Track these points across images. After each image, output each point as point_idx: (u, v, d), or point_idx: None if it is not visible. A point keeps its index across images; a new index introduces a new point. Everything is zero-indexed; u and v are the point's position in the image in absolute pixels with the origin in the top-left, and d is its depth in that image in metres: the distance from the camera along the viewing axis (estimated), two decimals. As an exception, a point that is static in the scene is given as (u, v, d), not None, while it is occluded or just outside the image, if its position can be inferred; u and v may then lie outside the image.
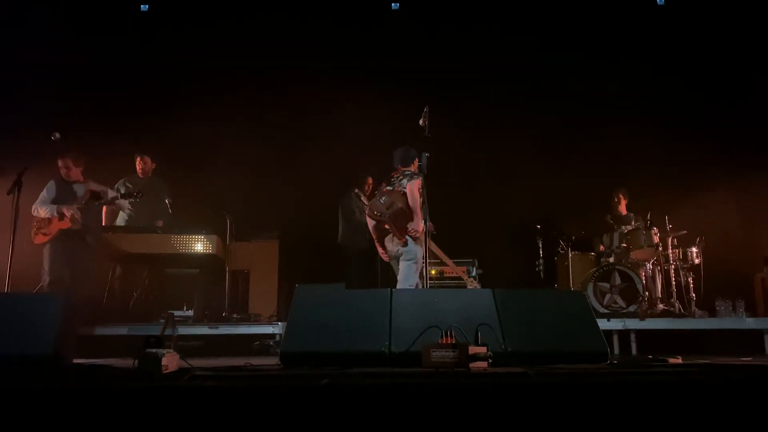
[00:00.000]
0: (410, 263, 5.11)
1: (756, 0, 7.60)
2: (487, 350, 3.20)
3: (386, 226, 5.17)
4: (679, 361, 3.98)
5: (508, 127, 7.68)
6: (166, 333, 5.42)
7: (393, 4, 8.56)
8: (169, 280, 6.60)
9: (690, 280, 6.71)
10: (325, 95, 7.53)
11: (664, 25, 8.01)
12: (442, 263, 6.93)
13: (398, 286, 5.12)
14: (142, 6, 8.12)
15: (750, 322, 6.03)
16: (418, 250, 5.10)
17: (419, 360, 3.20)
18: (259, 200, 7.53)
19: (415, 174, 5.18)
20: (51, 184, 6.19)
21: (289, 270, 6.99)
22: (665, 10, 8.17)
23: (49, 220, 6.02)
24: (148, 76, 7.85)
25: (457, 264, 6.94)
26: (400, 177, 5.28)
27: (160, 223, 6.57)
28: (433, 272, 6.89)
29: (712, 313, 6.39)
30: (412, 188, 5.07)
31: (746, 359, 4.56)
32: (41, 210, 6.05)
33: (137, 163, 6.81)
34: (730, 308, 6.22)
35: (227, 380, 2.73)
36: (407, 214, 5.08)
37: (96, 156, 6.54)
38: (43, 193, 6.14)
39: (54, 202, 6.08)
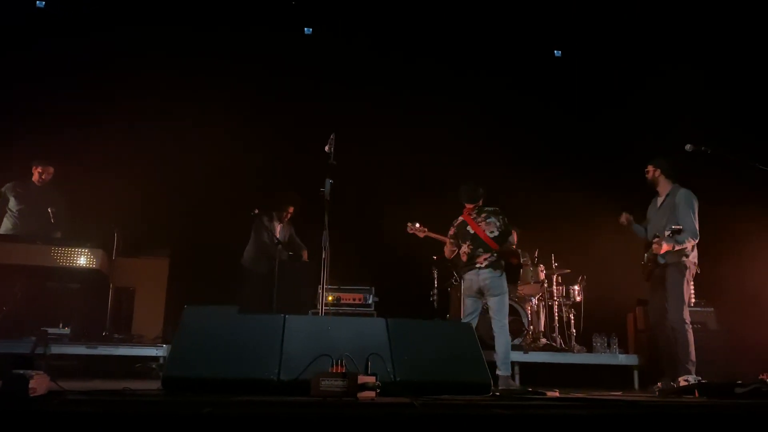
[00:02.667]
0: (504, 297, 5.48)
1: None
2: (376, 380, 3.23)
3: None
4: (557, 394, 4.21)
5: (409, 157, 7.88)
6: (37, 352, 5.05)
7: (306, 29, 8.62)
8: (47, 294, 6.14)
9: (571, 316, 7.10)
10: (227, 109, 7.40)
11: (559, 74, 8.59)
12: (341, 289, 6.92)
13: (494, 319, 5.45)
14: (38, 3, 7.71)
15: (622, 358, 6.48)
16: (506, 283, 5.52)
17: (308, 388, 3.16)
18: (151, 215, 7.22)
19: (498, 210, 5.67)
20: None
21: (178, 290, 6.69)
22: (561, 60, 8.79)
23: None
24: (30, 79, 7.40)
25: (354, 291, 6.98)
26: (483, 214, 5.64)
27: (59, 234, 6.22)
28: (330, 299, 6.87)
29: (590, 348, 6.79)
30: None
31: (616, 393, 4.88)
32: None
33: (36, 172, 6.43)
34: (606, 344, 6.64)
35: (102, 405, 2.57)
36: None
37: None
38: None
39: None
